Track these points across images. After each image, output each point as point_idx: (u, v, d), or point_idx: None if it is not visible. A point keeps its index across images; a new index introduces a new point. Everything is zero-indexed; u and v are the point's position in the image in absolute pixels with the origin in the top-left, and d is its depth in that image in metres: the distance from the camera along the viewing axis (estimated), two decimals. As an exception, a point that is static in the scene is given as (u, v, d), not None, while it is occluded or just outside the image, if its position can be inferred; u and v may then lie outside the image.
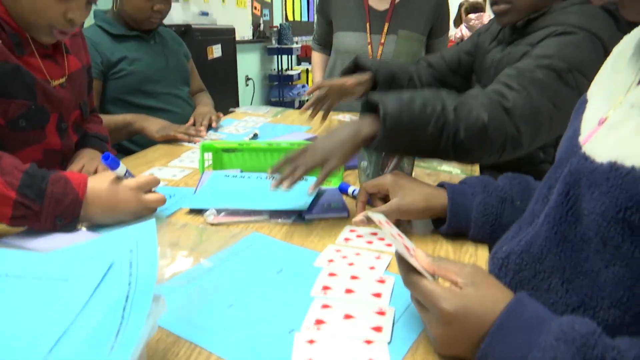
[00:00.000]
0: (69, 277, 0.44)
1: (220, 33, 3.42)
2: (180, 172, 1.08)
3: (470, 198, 0.71)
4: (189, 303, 0.56)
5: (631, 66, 0.46)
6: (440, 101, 0.78)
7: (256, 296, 0.57)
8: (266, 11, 5.69)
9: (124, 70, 1.41)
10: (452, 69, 1.25)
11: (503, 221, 0.70)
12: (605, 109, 0.46)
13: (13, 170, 0.73)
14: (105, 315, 0.39)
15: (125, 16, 1.43)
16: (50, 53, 1.02)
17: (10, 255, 0.48)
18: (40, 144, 1.01)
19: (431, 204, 0.72)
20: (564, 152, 0.50)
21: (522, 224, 0.53)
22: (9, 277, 0.44)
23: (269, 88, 5.95)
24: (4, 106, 0.91)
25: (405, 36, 1.70)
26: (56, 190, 0.74)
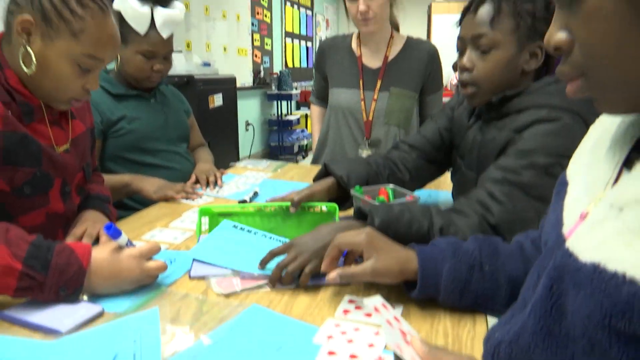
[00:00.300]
0: None
1: (222, 82, 3.51)
2: (182, 234, 1.09)
3: (440, 263, 0.73)
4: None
5: (608, 160, 0.48)
6: (427, 219, 0.83)
7: (256, 377, 0.58)
8: (266, 58, 5.84)
9: (123, 129, 1.44)
10: (435, 146, 1.24)
11: (471, 288, 0.72)
12: (585, 202, 0.48)
13: (19, 242, 0.75)
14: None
15: (126, 75, 1.48)
16: (57, 119, 1.05)
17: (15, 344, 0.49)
18: (44, 208, 1.01)
19: (404, 267, 0.74)
20: (549, 240, 0.52)
21: (515, 310, 0.54)
22: None
23: (268, 133, 6.04)
24: (10, 174, 0.93)
25: (397, 93, 1.75)
26: (61, 261, 0.75)
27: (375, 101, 1.76)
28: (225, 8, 4.71)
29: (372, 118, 1.77)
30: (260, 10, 5.53)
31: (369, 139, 1.79)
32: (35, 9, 0.91)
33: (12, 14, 0.93)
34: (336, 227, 0.87)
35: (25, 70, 0.92)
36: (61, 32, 0.92)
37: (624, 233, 0.38)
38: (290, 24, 6.47)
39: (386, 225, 0.81)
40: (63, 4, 0.91)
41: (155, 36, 1.40)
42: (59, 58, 0.93)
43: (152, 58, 1.42)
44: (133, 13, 1.35)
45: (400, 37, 1.80)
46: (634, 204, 0.38)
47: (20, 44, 0.92)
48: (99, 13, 0.94)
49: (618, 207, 0.40)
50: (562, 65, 0.44)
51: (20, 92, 0.95)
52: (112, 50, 1.00)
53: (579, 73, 0.43)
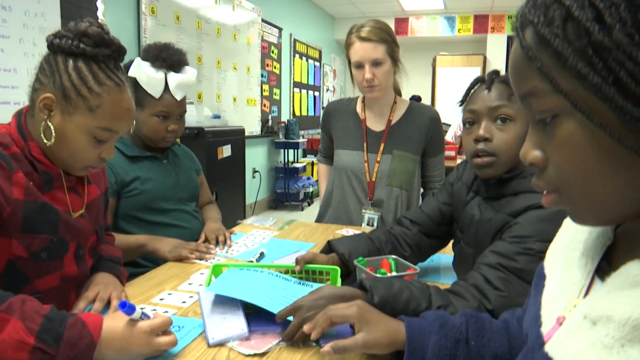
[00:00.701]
0: None
1: (231, 134, 3.62)
2: (190, 297, 1.13)
3: (427, 336, 0.76)
4: None
5: (581, 267, 0.51)
6: (426, 299, 0.87)
7: None
8: (275, 108, 5.99)
9: (136, 190, 1.50)
10: (435, 221, 1.28)
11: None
12: (561, 306, 0.51)
13: (34, 316, 0.78)
14: None
15: (141, 137, 1.55)
16: (74, 185, 1.10)
17: None
18: (59, 272, 1.05)
19: (393, 339, 0.77)
20: (530, 335, 0.55)
21: None
22: None
23: (275, 180, 6.12)
24: (28, 241, 0.97)
25: (399, 156, 1.82)
26: (72, 334, 0.78)
27: (379, 163, 1.82)
28: (236, 60, 4.89)
29: (375, 179, 1.83)
30: (270, 62, 5.73)
31: (372, 199, 1.84)
32: (57, 87, 0.98)
33: (36, 91, 1.00)
34: (338, 292, 0.91)
35: (45, 142, 0.99)
36: (79, 108, 0.98)
37: (598, 348, 0.42)
38: (298, 75, 6.67)
39: (385, 302, 0.85)
40: (82, 82, 0.98)
41: (169, 98, 1.48)
42: (77, 131, 0.99)
43: (166, 119, 1.50)
44: (148, 79, 1.44)
45: (403, 102, 1.88)
46: (606, 320, 0.41)
47: (41, 118, 0.98)
48: (115, 89, 1.01)
49: (591, 319, 0.43)
50: (537, 180, 0.49)
51: (41, 162, 1.01)
52: (127, 122, 1.06)
53: (552, 188, 0.47)
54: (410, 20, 7.90)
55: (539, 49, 0.43)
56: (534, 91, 0.45)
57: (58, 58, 1.00)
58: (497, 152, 1.02)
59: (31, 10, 2.65)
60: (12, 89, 2.58)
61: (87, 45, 0.99)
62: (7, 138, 0.99)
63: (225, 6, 4.62)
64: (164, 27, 3.72)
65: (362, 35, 1.68)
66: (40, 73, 1.01)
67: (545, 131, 0.46)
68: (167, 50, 1.49)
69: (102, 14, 3.12)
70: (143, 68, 1.44)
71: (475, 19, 7.71)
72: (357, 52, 1.70)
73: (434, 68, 7.62)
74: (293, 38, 6.39)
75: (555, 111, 0.43)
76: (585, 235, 0.54)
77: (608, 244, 0.51)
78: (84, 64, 0.99)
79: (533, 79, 0.44)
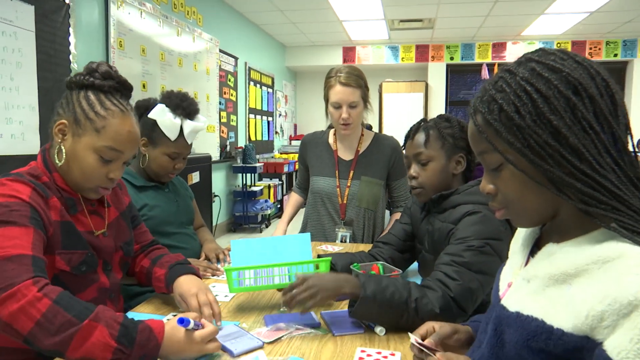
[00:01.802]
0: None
1: (199, 161, 3.80)
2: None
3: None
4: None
5: (522, 252, 0.82)
6: (406, 291, 1.14)
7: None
8: (232, 134, 6.19)
9: (145, 216, 1.68)
10: (402, 239, 1.61)
11: None
12: (510, 276, 0.81)
13: (113, 323, 0.95)
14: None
15: (149, 171, 1.75)
16: (95, 209, 1.28)
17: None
18: (96, 284, 1.22)
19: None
20: (493, 299, 0.84)
21: (474, 347, 0.85)
22: None
23: (233, 203, 6.27)
24: (68, 256, 1.15)
25: (366, 181, 2.10)
26: (142, 338, 0.96)
27: (349, 187, 2.10)
28: (197, 89, 5.08)
29: (346, 201, 2.10)
30: (227, 90, 5.95)
31: (344, 219, 2.11)
32: (69, 114, 1.16)
33: (54, 122, 1.18)
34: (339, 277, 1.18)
35: (57, 162, 1.16)
36: (87, 130, 1.15)
37: (531, 294, 0.71)
38: (253, 101, 6.92)
39: (374, 293, 1.12)
40: (89, 107, 1.16)
41: (182, 142, 1.70)
42: (85, 150, 1.15)
43: (175, 159, 1.71)
44: (167, 123, 1.65)
45: (369, 134, 2.18)
46: (534, 278, 0.72)
47: (56, 142, 1.16)
48: (119, 114, 1.18)
49: (527, 279, 0.74)
50: (492, 202, 0.78)
51: (65, 190, 1.19)
52: (130, 144, 1.20)
53: (502, 207, 0.76)
54: (357, 49, 8.37)
55: (485, 127, 0.72)
56: (484, 151, 0.74)
57: (72, 92, 1.19)
58: (423, 185, 1.41)
59: (9, 46, 2.76)
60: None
61: (96, 79, 1.18)
62: (37, 170, 1.17)
63: (186, 37, 4.82)
64: (131, 59, 3.88)
65: (342, 80, 1.95)
66: (59, 107, 1.19)
67: (494, 173, 0.75)
68: (186, 100, 1.71)
69: (73, 48, 3.26)
70: (165, 113, 1.65)
71: (417, 49, 8.29)
72: (337, 93, 1.97)
73: (380, 94, 8.09)
74: (248, 66, 6.65)
75: (499, 163, 0.73)
76: (524, 233, 0.84)
77: (536, 237, 0.81)
78: (93, 93, 1.18)
79: (482, 144, 0.74)
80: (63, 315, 0.92)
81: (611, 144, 0.67)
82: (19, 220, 1.02)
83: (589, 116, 0.66)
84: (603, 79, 0.69)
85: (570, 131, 0.66)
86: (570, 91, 0.67)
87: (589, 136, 0.66)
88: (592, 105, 0.66)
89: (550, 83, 0.67)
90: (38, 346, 0.92)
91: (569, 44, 7.84)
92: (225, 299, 1.40)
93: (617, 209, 0.65)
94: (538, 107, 0.67)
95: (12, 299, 0.91)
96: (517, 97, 0.68)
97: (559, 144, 0.66)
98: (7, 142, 2.74)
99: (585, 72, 0.68)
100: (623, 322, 0.58)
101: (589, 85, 0.67)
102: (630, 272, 0.59)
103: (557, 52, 0.71)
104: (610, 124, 0.67)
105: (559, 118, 0.66)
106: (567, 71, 0.67)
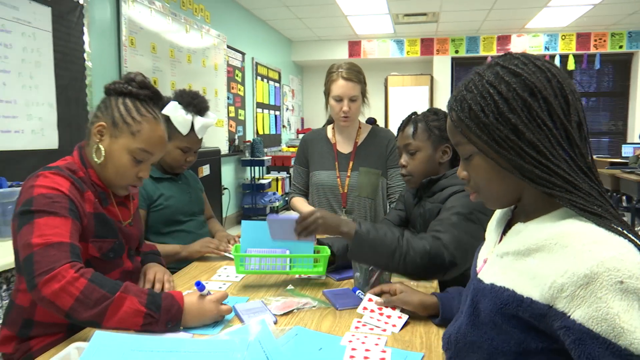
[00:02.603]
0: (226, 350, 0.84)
1: (209, 154, 3.94)
2: (224, 285, 1.48)
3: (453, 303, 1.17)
4: None
5: (496, 231, 0.94)
6: (399, 232, 1.28)
7: None
8: (240, 128, 6.32)
9: (161, 205, 1.83)
10: (396, 224, 1.76)
11: None
12: (486, 253, 0.93)
13: (140, 294, 1.10)
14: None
15: (163, 164, 1.89)
16: (123, 201, 1.42)
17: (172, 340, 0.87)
18: (120, 268, 1.37)
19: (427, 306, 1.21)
20: (472, 275, 0.96)
21: (457, 317, 0.97)
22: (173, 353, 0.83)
23: (242, 196, 6.41)
24: (99, 244, 1.29)
25: (365, 171, 2.22)
26: (167, 304, 1.11)
27: (349, 178, 2.22)
28: (205, 85, 5.21)
29: (346, 191, 2.22)
30: (234, 85, 6.07)
31: (345, 208, 2.23)
32: (108, 117, 1.29)
33: (93, 124, 1.30)
34: (341, 218, 1.33)
35: (95, 160, 1.28)
36: (124, 132, 1.28)
37: (503, 268, 0.83)
38: (260, 96, 7.04)
39: (368, 230, 1.27)
40: (127, 112, 1.29)
41: (193, 136, 1.83)
42: (121, 151, 1.28)
43: (187, 152, 1.85)
44: (179, 119, 1.78)
45: (366, 126, 2.30)
46: (505, 254, 0.83)
47: (94, 142, 1.29)
48: (152, 120, 1.31)
49: (499, 255, 0.85)
50: (467, 186, 0.90)
51: (98, 185, 1.32)
52: (160, 147, 1.33)
53: (474, 190, 0.89)
54: (363, 43, 8.46)
55: (458, 122, 0.84)
56: (459, 142, 0.86)
57: (111, 98, 1.32)
58: (412, 173, 1.59)
59: (28, 47, 2.90)
60: (12, 118, 2.81)
61: (133, 87, 1.32)
62: (74, 166, 1.31)
63: (194, 34, 4.95)
64: (142, 56, 4.01)
65: (344, 75, 2.08)
66: (97, 110, 1.32)
67: (467, 162, 0.87)
68: (197, 98, 1.85)
69: (87, 46, 3.39)
70: (177, 110, 1.78)
71: (422, 42, 8.36)
72: (339, 87, 2.09)
73: (386, 87, 8.18)
74: (255, 61, 6.77)
75: (471, 152, 0.85)
76: (498, 215, 0.96)
77: (509, 218, 0.93)
78: (130, 100, 1.31)
79: (457, 136, 0.86)
80: (98, 291, 1.06)
81: (564, 138, 0.78)
82: (60, 212, 1.16)
83: (543, 115, 0.77)
84: (558, 81, 0.79)
85: (527, 127, 0.77)
86: (527, 93, 0.78)
87: (543, 132, 0.77)
88: (546, 105, 0.78)
89: (510, 86, 0.79)
90: (77, 319, 1.06)
91: (574, 36, 7.88)
92: (235, 279, 1.54)
93: (570, 191, 0.76)
94: (499, 107, 0.78)
95: (54, 280, 1.05)
96: (483, 98, 0.80)
97: (517, 138, 0.78)
98: (28, 137, 2.89)
99: (543, 76, 0.79)
100: (581, 293, 0.68)
101: (544, 88, 0.78)
102: (584, 248, 0.70)
103: (520, 57, 0.82)
104: (562, 121, 0.78)
105: (516, 116, 0.78)
106: (525, 75, 0.79)
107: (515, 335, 0.78)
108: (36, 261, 1.06)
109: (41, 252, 1.07)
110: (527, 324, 0.77)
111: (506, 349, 0.80)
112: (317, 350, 1.04)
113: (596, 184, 0.79)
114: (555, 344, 0.74)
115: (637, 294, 0.66)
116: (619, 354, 0.65)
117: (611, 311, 0.66)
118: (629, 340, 0.65)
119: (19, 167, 2.77)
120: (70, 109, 3.17)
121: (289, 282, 1.50)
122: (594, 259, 0.68)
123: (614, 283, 0.66)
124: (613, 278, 0.67)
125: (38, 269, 1.05)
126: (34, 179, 1.21)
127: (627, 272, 0.67)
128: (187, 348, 0.85)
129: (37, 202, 1.15)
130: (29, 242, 1.09)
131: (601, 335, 0.66)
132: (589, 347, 0.67)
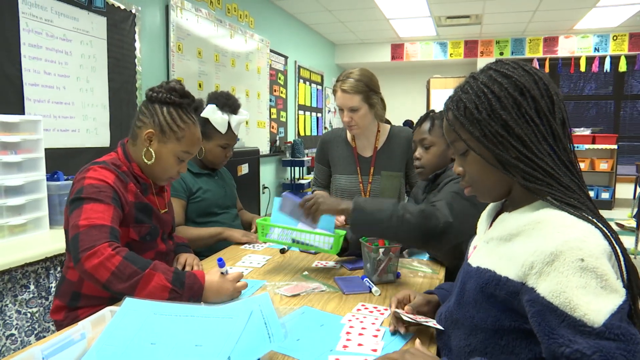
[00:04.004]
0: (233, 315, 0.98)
1: (248, 154, 4.13)
2: (246, 270, 1.63)
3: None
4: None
5: (485, 222, 1.03)
6: (397, 202, 1.40)
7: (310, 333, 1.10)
8: (282, 129, 6.50)
9: (199, 197, 2.01)
10: None
11: None
12: (476, 241, 1.02)
13: (167, 271, 1.26)
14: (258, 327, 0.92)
15: (205, 161, 2.08)
16: (159, 191, 1.60)
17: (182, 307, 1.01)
18: (154, 250, 1.54)
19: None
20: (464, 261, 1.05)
21: (450, 297, 1.07)
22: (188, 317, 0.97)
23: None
24: (138, 228, 1.47)
25: (387, 175, 2.27)
26: (190, 281, 1.26)
27: (371, 183, 2.27)
28: (248, 87, 5.43)
29: (369, 195, 2.27)
30: (277, 87, 6.27)
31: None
32: (156, 125, 1.46)
33: (139, 127, 1.48)
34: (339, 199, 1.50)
35: (146, 161, 1.46)
36: (171, 138, 1.46)
37: (487, 252, 0.92)
38: (302, 98, 7.22)
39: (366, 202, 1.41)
40: (173, 121, 1.46)
41: (231, 133, 2.01)
42: (169, 154, 1.47)
43: (226, 148, 2.02)
44: (218, 120, 1.96)
45: (385, 128, 2.32)
46: (491, 239, 0.93)
47: (144, 145, 1.47)
48: (192, 126, 1.49)
49: (486, 241, 0.95)
50: (462, 181, 1.00)
51: (140, 177, 1.50)
52: (198, 147, 1.54)
53: (469, 185, 0.98)
54: (406, 46, 8.48)
55: (453, 120, 0.94)
56: (454, 140, 0.96)
57: (155, 105, 1.48)
58: (424, 165, 1.73)
59: (85, 53, 3.17)
60: (70, 118, 3.09)
61: (176, 97, 1.49)
62: (118, 161, 1.49)
63: (238, 38, 5.17)
64: (189, 60, 4.26)
65: (343, 87, 2.11)
66: (141, 114, 1.50)
67: (462, 158, 0.97)
68: (230, 98, 2.03)
69: (138, 52, 3.66)
70: (215, 112, 1.96)
71: (466, 44, 8.29)
72: (338, 99, 2.15)
73: (428, 90, 8.16)
74: (297, 65, 6.96)
75: (464, 149, 0.94)
76: (490, 207, 1.05)
77: (498, 209, 1.02)
78: (174, 109, 1.48)
79: (452, 134, 0.96)
80: (130, 267, 1.23)
81: (549, 134, 0.87)
82: (104, 199, 1.34)
83: (531, 112, 0.86)
84: (544, 83, 0.88)
85: (516, 123, 0.86)
86: (517, 92, 0.87)
87: (530, 127, 0.86)
88: (534, 103, 0.87)
89: (502, 86, 0.88)
90: (113, 290, 1.22)
91: (627, 36, 7.59)
92: (257, 265, 1.68)
93: (551, 185, 0.85)
94: (492, 104, 0.88)
95: (94, 256, 1.22)
96: (477, 97, 0.90)
97: (507, 133, 0.87)
98: (83, 135, 3.17)
99: (531, 78, 0.88)
100: (547, 269, 0.76)
101: (532, 88, 0.87)
102: (554, 231, 0.79)
103: (510, 63, 0.92)
104: (548, 118, 0.87)
105: (507, 113, 0.87)
106: (516, 77, 0.88)
107: (493, 313, 0.88)
108: (81, 239, 1.24)
109: (85, 232, 1.25)
110: (504, 302, 0.86)
111: (484, 325, 0.89)
112: (319, 326, 1.16)
113: (576, 177, 0.87)
114: (527, 324, 0.82)
115: (595, 272, 0.74)
116: (574, 325, 0.73)
117: (570, 284, 0.74)
118: (582, 311, 0.73)
119: (74, 162, 3.03)
120: (121, 110, 3.43)
121: (305, 269, 1.63)
122: (560, 239, 0.77)
123: (575, 260, 0.75)
124: (575, 255, 0.75)
125: (82, 246, 1.23)
126: (84, 172, 1.40)
127: (588, 252, 0.75)
128: (201, 313, 1.00)
129: (86, 191, 1.33)
130: (76, 223, 1.27)
131: (559, 308, 0.74)
132: (547, 317, 0.75)
